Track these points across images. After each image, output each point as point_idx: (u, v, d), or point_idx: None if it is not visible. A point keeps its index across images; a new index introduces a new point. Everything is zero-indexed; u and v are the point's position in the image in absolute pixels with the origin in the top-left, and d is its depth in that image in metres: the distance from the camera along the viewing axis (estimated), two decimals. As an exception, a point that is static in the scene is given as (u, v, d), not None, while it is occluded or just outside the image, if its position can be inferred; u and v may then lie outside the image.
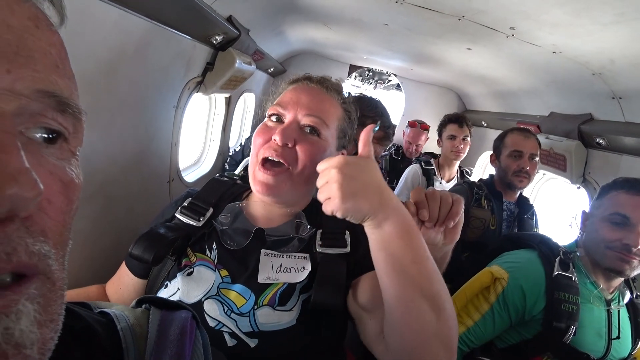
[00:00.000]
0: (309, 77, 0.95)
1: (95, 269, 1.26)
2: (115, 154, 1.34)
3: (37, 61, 0.28)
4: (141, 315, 0.47)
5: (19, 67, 0.27)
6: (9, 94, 0.26)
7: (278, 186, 0.85)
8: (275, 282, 0.83)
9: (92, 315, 0.44)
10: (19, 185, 0.24)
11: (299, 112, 0.87)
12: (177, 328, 0.46)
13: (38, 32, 0.29)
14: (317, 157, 0.87)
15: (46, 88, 0.28)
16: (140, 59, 1.31)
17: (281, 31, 2.63)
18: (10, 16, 0.27)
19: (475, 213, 1.84)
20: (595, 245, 1.21)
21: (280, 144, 0.83)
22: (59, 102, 0.29)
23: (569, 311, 1.16)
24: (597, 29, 1.25)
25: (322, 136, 0.88)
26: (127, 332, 0.44)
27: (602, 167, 1.87)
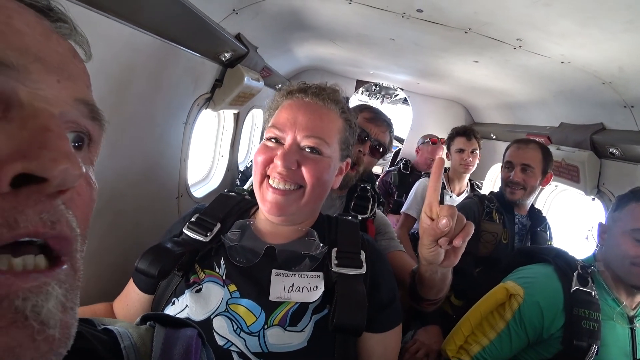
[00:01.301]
0: (303, 89, 0.92)
1: (103, 285, 1.25)
2: (124, 169, 1.35)
3: (76, 79, 0.35)
4: (145, 333, 0.47)
5: (65, 79, 0.33)
6: (57, 99, 0.32)
7: (288, 206, 0.85)
8: (287, 300, 0.82)
9: (94, 332, 0.44)
10: (70, 162, 0.29)
11: (297, 133, 0.85)
12: (181, 347, 0.46)
13: (75, 60, 0.36)
14: (323, 175, 0.87)
15: (83, 97, 0.35)
16: (150, 76, 1.34)
17: (289, 48, 2.68)
18: (58, 45, 0.35)
19: (487, 227, 1.80)
20: (619, 261, 1.15)
21: (283, 169, 0.83)
22: (92, 110, 0.36)
23: (590, 329, 1.10)
24: (606, 38, 1.24)
25: (325, 154, 0.88)
26: (130, 351, 0.43)
27: (616, 177, 1.83)
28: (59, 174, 0.28)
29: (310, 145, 0.85)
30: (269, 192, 0.85)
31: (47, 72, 0.32)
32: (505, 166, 1.86)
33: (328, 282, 0.85)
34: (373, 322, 0.85)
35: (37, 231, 0.28)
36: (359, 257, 0.88)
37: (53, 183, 0.28)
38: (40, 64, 0.31)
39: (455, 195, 2.54)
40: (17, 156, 0.27)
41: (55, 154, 0.28)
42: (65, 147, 0.29)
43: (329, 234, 0.94)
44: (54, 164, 0.28)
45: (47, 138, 0.29)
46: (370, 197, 1.42)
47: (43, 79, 0.31)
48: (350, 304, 0.78)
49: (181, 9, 1.18)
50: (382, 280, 0.90)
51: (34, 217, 0.28)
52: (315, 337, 0.79)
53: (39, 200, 0.28)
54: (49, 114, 0.31)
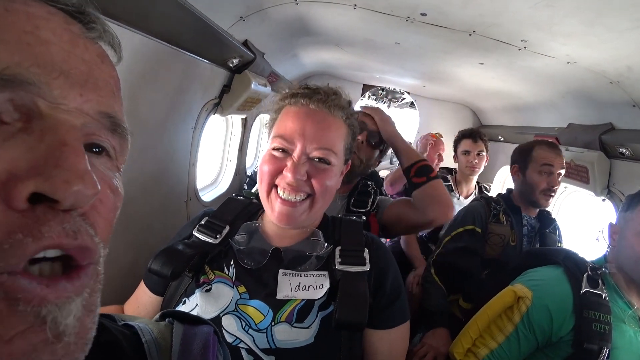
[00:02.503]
0: (308, 94, 0.90)
1: (114, 288, 1.27)
2: (135, 174, 1.38)
3: (101, 89, 0.35)
4: (165, 329, 0.49)
5: (88, 92, 0.33)
6: (79, 112, 0.33)
7: (298, 216, 0.87)
8: (294, 298, 0.83)
9: (116, 327, 0.46)
10: (83, 184, 0.29)
11: (307, 145, 0.85)
12: (200, 342, 0.48)
13: (103, 66, 0.36)
14: (331, 183, 0.89)
15: (106, 110, 0.35)
16: (160, 82, 1.37)
17: (295, 54, 2.71)
18: (85, 52, 0.35)
19: (494, 229, 1.78)
20: (632, 262, 1.12)
21: (294, 181, 0.83)
22: (113, 122, 0.36)
23: (601, 331, 1.08)
24: (613, 37, 1.24)
25: (332, 163, 0.89)
26: (151, 345, 0.45)
27: (627, 177, 1.80)
28: (71, 196, 0.28)
29: (320, 156, 0.86)
30: (277, 203, 0.86)
31: (71, 86, 0.32)
32: (542, 171, 1.72)
33: (333, 280, 0.86)
34: (377, 319, 0.86)
35: (61, 242, 0.29)
36: (362, 254, 0.89)
37: (64, 204, 0.29)
38: (64, 77, 0.31)
39: (463, 197, 2.53)
40: (33, 173, 0.27)
41: (68, 174, 0.28)
42: (81, 164, 0.29)
43: (333, 234, 0.96)
44: (66, 186, 0.28)
45: (63, 154, 0.29)
46: (372, 192, 1.43)
47: (65, 94, 0.31)
48: (351, 301, 0.79)
49: (190, 17, 1.21)
50: (387, 277, 0.91)
51: (57, 227, 0.28)
52: (322, 333, 0.81)
53: (57, 214, 0.29)
54: (70, 125, 0.31)
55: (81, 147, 0.31)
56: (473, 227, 1.78)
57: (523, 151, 1.82)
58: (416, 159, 1.38)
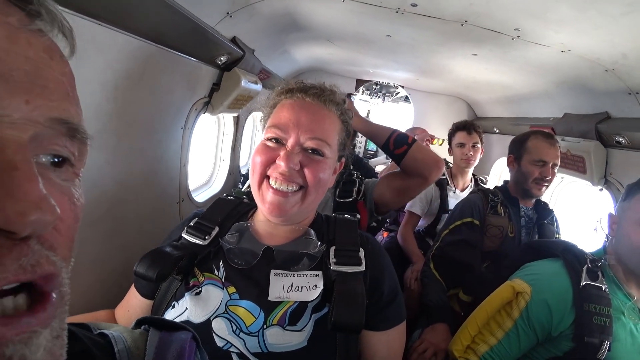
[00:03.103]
0: (303, 89, 0.91)
1: (105, 292, 1.25)
2: (124, 176, 1.35)
3: (51, 91, 0.30)
4: (139, 337, 0.47)
5: (35, 97, 0.29)
6: (27, 122, 0.28)
7: (290, 208, 0.85)
8: (286, 300, 0.81)
9: (90, 336, 0.44)
10: (41, 212, 0.26)
11: (301, 134, 0.85)
12: (175, 350, 0.46)
13: (52, 63, 0.31)
14: (324, 176, 0.87)
15: (59, 116, 0.31)
16: (147, 82, 1.33)
17: (286, 50, 2.67)
18: (28, 49, 0.29)
19: (492, 221, 1.77)
20: (629, 252, 1.10)
21: (286, 169, 0.82)
22: (69, 128, 0.32)
23: (602, 324, 1.07)
24: (606, 23, 1.21)
25: (326, 155, 0.88)
26: (123, 354, 0.44)
27: (624, 166, 1.79)
28: (28, 227, 0.26)
29: (313, 146, 0.85)
30: (269, 193, 0.84)
31: (12, 92, 0.27)
32: (535, 163, 1.74)
33: (327, 280, 0.84)
34: (375, 320, 0.84)
35: (19, 279, 0.26)
36: (357, 254, 0.87)
37: (21, 234, 0.26)
38: (3, 83, 0.27)
39: (459, 191, 2.52)
40: None
41: (22, 205, 0.25)
42: (35, 191, 0.26)
43: (327, 233, 0.94)
44: (21, 218, 0.25)
45: (14, 181, 0.25)
46: (357, 181, 1.42)
47: (7, 103, 0.27)
48: (348, 302, 0.77)
49: (175, 14, 1.18)
50: (383, 278, 0.88)
51: (13, 265, 0.26)
52: (316, 336, 0.78)
53: (13, 246, 0.26)
54: (17, 143, 0.27)
55: (33, 169, 0.27)
56: (471, 219, 1.77)
57: (518, 141, 1.83)
58: (388, 132, 1.37)
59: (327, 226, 0.97)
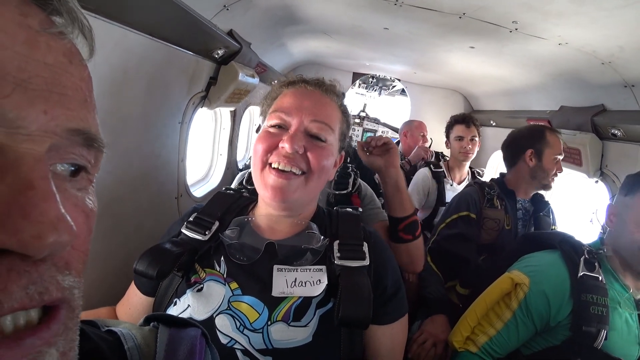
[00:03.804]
0: (305, 80, 0.94)
1: (106, 290, 1.25)
2: (122, 172, 1.34)
3: (70, 98, 0.29)
4: (149, 334, 0.46)
5: (54, 107, 0.27)
6: (44, 134, 0.27)
7: (292, 192, 0.83)
8: (290, 295, 0.81)
9: (99, 334, 0.43)
10: (58, 234, 0.25)
11: (304, 118, 0.85)
12: (185, 347, 0.45)
13: (71, 67, 0.30)
14: (327, 163, 0.87)
15: (77, 126, 0.29)
16: (143, 76, 1.32)
17: (282, 43, 2.65)
18: (47, 54, 0.27)
19: (489, 214, 1.78)
20: (629, 249, 1.12)
21: (291, 151, 0.82)
22: (87, 138, 0.31)
23: (599, 314, 1.09)
24: (603, 16, 1.22)
25: (328, 141, 0.88)
26: (134, 352, 0.43)
27: (619, 158, 1.81)
28: (44, 249, 0.25)
29: (317, 130, 0.86)
30: (271, 176, 0.83)
31: (31, 102, 0.26)
32: (556, 159, 1.76)
33: (331, 275, 0.84)
34: (379, 314, 0.84)
35: (24, 306, 0.25)
36: (361, 248, 0.87)
37: (37, 257, 0.25)
38: (20, 92, 0.25)
39: (456, 183, 2.53)
40: None
41: (38, 227, 0.24)
42: (52, 211, 0.25)
43: (330, 227, 0.94)
44: (38, 241, 0.24)
45: (30, 202, 0.24)
46: (351, 173, 1.42)
47: (25, 115, 0.25)
48: (355, 297, 0.76)
49: (171, 7, 1.16)
50: (386, 271, 0.89)
51: (19, 293, 0.24)
52: (321, 331, 0.78)
53: (24, 270, 0.25)
54: (33, 157, 0.26)
55: (50, 186, 0.26)
56: (467, 213, 1.78)
57: (536, 136, 1.80)
58: (410, 212, 1.27)
59: (330, 220, 0.96)
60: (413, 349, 1.46)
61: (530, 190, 1.84)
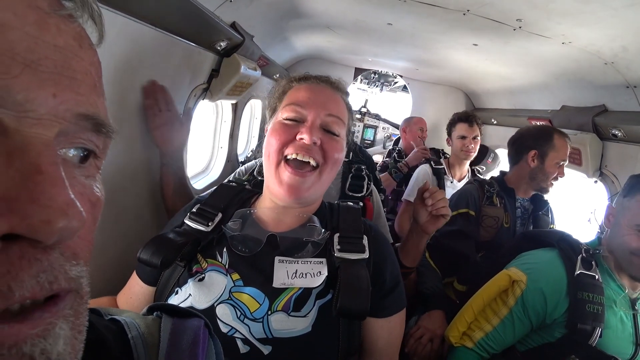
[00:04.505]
0: (315, 77, 0.97)
1: (107, 280, 1.25)
2: (124, 162, 1.34)
3: (79, 83, 0.28)
4: (152, 324, 0.47)
5: (63, 90, 0.27)
6: (53, 118, 0.26)
7: (306, 188, 0.85)
8: (291, 286, 0.82)
9: (103, 322, 0.44)
10: (68, 219, 0.25)
11: (320, 112, 0.88)
12: (189, 337, 0.46)
13: (81, 51, 0.29)
14: (340, 156, 0.90)
15: (86, 111, 0.29)
16: (145, 66, 1.32)
17: (285, 37, 2.64)
18: (57, 36, 0.27)
19: (488, 211, 1.79)
20: (620, 250, 1.14)
21: (309, 142, 0.84)
22: (96, 124, 0.30)
23: (594, 312, 1.10)
24: (608, 15, 1.22)
25: (341, 135, 0.91)
26: (138, 341, 0.43)
27: (619, 159, 1.81)
28: (54, 235, 0.24)
29: (332, 124, 0.89)
30: (286, 173, 0.84)
31: (40, 84, 0.25)
32: (559, 164, 1.76)
33: (331, 267, 0.85)
34: (377, 307, 0.85)
35: (34, 296, 0.25)
36: (361, 242, 0.88)
37: (47, 243, 0.25)
38: (30, 73, 0.25)
39: (456, 181, 2.53)
40: (4, 209, 0.23)
41: (48, 212, 0.24)
42: (61, 196, 0.25)
43: (331, 220, 0.95)
44: (47, 226, 0.24)
45: (38, 187, 0.24)
46: (365, 176, 1.43)
47: (34, 97, 0.25)
48: (353, 289, 0.78)
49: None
50: (386, 265, 0.90)
51: (30, 282, 0.24)
52: (320, 322, 0.80)
53: (35, 258, 0.25)
54: (42, 142, 0.26)
55: (59, 172, 0.26)
56: (467, 210, 1.79)
57: (542, 138, 1.79)
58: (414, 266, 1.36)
59: (331, 213, 0.97)
60: (410, 344, 1.47)
61: (529, 190, 1.85)
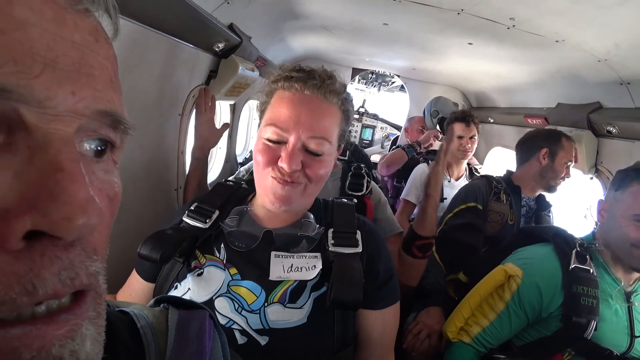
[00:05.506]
0: (302, 79, 0.86)
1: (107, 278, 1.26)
2: (124, 162, 1.34)
3: (97, 79, 0.29)
4: (160, 314, 0.48)
5: (81, 87, 0.27)
6: (72, 115, 0.27)
7: (293, 198, 0.85)
8: (286, 279, 0.84)
9: (114, 312, 0.45)
10: (87, 216, 0.25)
11: (301, 133, 0.82)
12: (196, 327, 0.47)
13: (97, 46, 0.29)
14: (324, 172, 0.88)
15: (105, 108, 0.29)
16: (144, 67, 1.33)
17: (282, 38, 2.66)
18: (74, 32, 0.27)
19: (494, 207, 1.81)
20: (619, 242, 1.15)
21: (289, 171, 0.82)
22: (114, 120, 0.31)
23: (589, 305, 1.12)
24: (600, 13, 1.23)
25: (326, 153, 0.87)
26: (147, 330, 0.44)
27: (614, 155, 1.83)
28: (74, 232, 0.25)
29: (314, 146, 0.84)
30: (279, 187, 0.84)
31: (59, 82, 0.26)
32: (567, 165, 1.82)
33: (326, 261, 0.87)
34: (371, 300, 0.87)
35: (57, 293, 0.25)
36: (354, 236, 0.90)
37: (67, 239, 0.25)
38: (50, 71, 0.25)
39: (453, 179, 2.55)
40: (26, 207, 0.23)
41: (68, 209, 0.24)
42: (81, 193, 0.25)
43: (325, 216, 0.97)
44: (67, 223, 0.24)
45: (59, 184, 0.24)
46: (365, 174, 1.44)
47: (53, 94, 0.25)
48: (346, 280, 0.80)
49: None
50: (379, 258, 0.92)
51: (52, 279, 0.25)
52: (315, 313, 0.82)
53: (55, 256, 0.25)
54: (62, 139, 0.26)
55: (79, 169, 0.26)
56: (475, 204, 1.80)
57: (553, 138, 1.85)
58: (432, 234, 1.42)
59: (325, 210, 0.99)
60: (408, 340, 1.49)
61: (536, 189, 1.88)
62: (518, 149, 1.97)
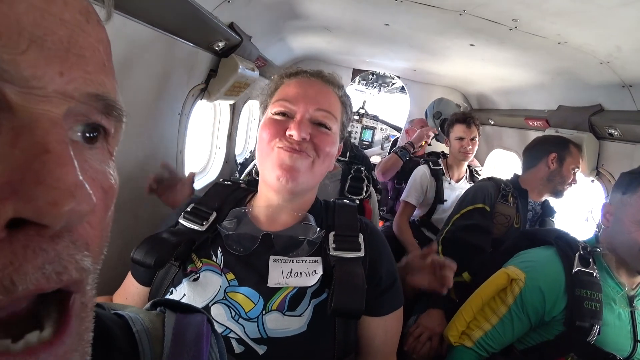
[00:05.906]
0: (305, 70, 0.95)
1: (103, 279, 1.23)
2: (121, 161, 1.34)
3: (87, 60, 0.27)
4: (156, 318, 0.46)
5: (70, 68, 0.26)
6: (61, 96, 0.25)
7: (301, 171, 0.82)
8: (285, 286, 0.81)
9: (109, 316, 0.44)
10: (76, 201, 0.23)
11: (309, 106, 0.85)
12: (193, 332, 0.45)
13: (88, 27, 0.28)
14: (331, 150, 0.88)
15: (96, 91, 0.28)
16: (143, 66, 1.32)
17: (282, 37, 2.65)
18: (64, 10, 0.26)
19: (500, 209, 1.81)
20: (627, 248, 1.12)
21: (298, 138, 0.81)
22: (106, 105, 0.29)
23: (592, 309, 1.10)
24: (602, 15, 1.22)
25: (333, 129, 0.88)
26: (143, 335, 0.43)
27: (616, 158, 1.82)
28: (61, 218, 0.23)
29: (322, 118, 0.86)
30: (281, 152, 0.81)
31: (47, 61, 0.24)
32: (573, 170, 1.85)
33: (326, 266, 0.84)
34: (374, 306, 0.85)
35: (40, 288, 0.23)
36: (357, 240, 0.87)
37: (54, 228, 0.23)
38: (36, 49, 0.23)
39: (454, 181, 2.54)
40: (8, 192, 0.21)
41: (55, 193, 0.22)
42: (69, 177, 0.23)
43: (326, 219, 0.93)
44: (54, 208, 0.22)
45: (45, 166, 0.23)
46: (364, 178, 1.43)
47: (41, 74, 0.24)
48: (348, 287, 0.77)
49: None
50: (382, 263, 0.89)
51: (35, 274, 0.22)
52: (315, 321, 0.79)
53: (40, 248, 0.23)
54: (49, 120, 0.24)
55: (67, 151, 0.24)
56: (483, 205, 1.80)
57: (562, 144, 1.88)
58: None
59: (326, 212, 0.96)
60: (409, 342, 1.47)
61: (543, 193, 1.88)
62: (526, 154, 1.97)
